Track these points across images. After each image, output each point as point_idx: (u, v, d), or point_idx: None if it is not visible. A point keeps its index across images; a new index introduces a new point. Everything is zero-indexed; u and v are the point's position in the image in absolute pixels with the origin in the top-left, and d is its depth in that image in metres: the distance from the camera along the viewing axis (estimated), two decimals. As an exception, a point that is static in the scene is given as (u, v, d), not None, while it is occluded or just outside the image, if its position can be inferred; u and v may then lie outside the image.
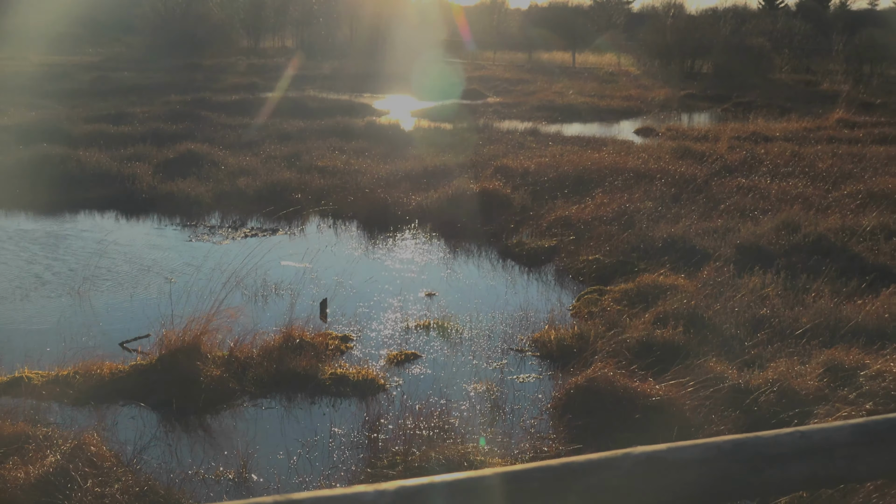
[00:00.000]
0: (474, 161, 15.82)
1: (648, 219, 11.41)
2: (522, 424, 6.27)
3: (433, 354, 7.61)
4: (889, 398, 6.06)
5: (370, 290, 9.37)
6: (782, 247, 10.04)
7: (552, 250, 10.82)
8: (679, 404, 6.20)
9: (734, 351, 7.22)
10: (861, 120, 23.06)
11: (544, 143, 18.90)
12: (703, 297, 8.37)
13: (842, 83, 34.65)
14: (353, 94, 30.31)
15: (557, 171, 14.59)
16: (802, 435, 1.76)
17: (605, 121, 26.04)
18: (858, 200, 12.42)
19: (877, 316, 7.83)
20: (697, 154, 16.63)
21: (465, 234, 11.80)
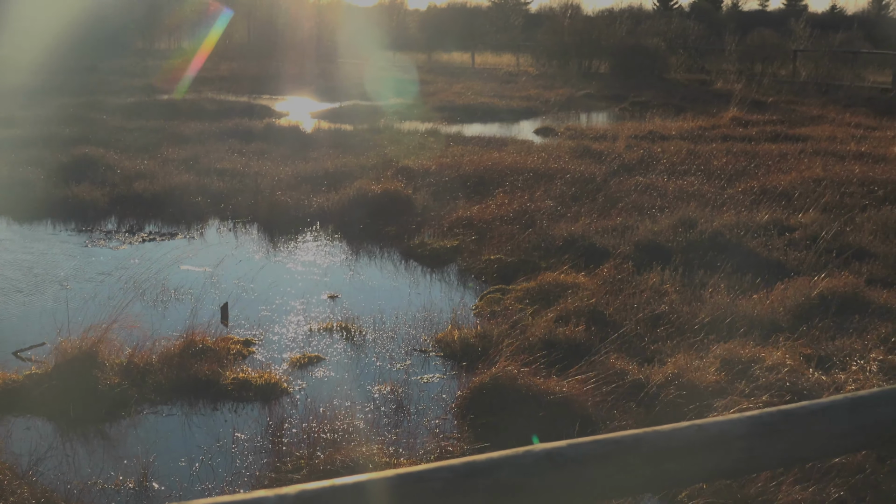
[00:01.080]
0: (375, 162, 15.79)
1: (549, 218, 11.51)
2: (427, 424, 6.27)
3: (337, 357, 7.58)
4: (784, 389, 6.21)
5: (272, 294, 9.29)
6: (680, 243, 10.21)
7: (454, 250, 10.85)
8: (582, 400, 6.27)
9: (635, 347, 7.33)
10: (754, 118, 23.57)
11: (445, 143, 18.94)
12: (604, 294, 8.48)
13: (735, 82, 35.34)
14: (251, 96, 29.99)
15: (458, 171, 14.65)
16: (700, 428, 1.79)
17: (505, 121, 26.21)
18: (752, 197, 12.70)
19: (771, 310, 8.02)
20: (596, 153, 16.83)
21: (368, 236, 11.78)
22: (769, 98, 29.29)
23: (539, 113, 28.20)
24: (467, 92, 32.29)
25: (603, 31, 45.46)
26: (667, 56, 43.43)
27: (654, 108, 26.80)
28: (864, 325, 7.65)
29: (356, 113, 25.63)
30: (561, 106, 29.86)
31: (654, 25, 49.09)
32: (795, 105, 27.98)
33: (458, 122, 24.68)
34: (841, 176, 13.98)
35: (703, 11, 70.19)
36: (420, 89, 33.59)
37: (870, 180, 13.71)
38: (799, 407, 1.93)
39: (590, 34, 44.69)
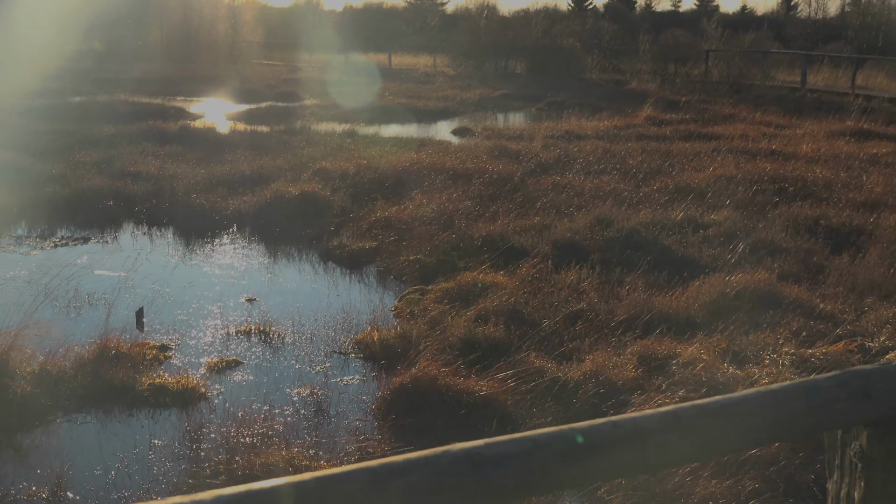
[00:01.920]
0: (292, 164, 15.67)
1: (467, 218, 11.54)
2: (347, 426, 6.25)
3: (255, 360, 7.51)
4: (699, 384, 6.29)
5: (189, 298, 9.17)
6: (597, 242, 10.31)
7: (373, 251, 10.83)
8: (502, 399, 6.30)
9: (553, 345, 7.38)
10: (668, 117, 23.88)
11: (363, 144, 18.88)
12: (523, 293, 8.52)
13: (649, 82, 35.82)
14: (165, 98, 29.55)
15: (377, 172, 14.61)
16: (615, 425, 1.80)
17: (423, 121, 26.21)
18: (667, 195, 12.87)
19: (686, 306, 8.13)
20: (513, 153, 16.89)
21: (285, 238, 11.69)
22: (682, 97, 29.70)
23: (456, 113, 28.26)
24: (384, 93, 32.25)
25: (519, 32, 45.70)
26: (582, 56, 43.81)
27: (570, 108, 27.00)
28: (776, 320, 7.78)
29: (272, 114, 25.43)
30: (478, 106, 29.97)
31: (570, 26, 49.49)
32: (708, 104, 28.41)
33: (375, 123, 24.62)
34: (753, 174, 14.23)
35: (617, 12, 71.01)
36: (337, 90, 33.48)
37: (781, 177, 13.98)
38: (712, 401, 1.95)
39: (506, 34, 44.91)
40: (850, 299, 8.41)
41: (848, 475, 2.21)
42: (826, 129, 21.36)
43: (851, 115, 24.17)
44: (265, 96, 31.34)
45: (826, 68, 39.28)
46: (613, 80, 38.95)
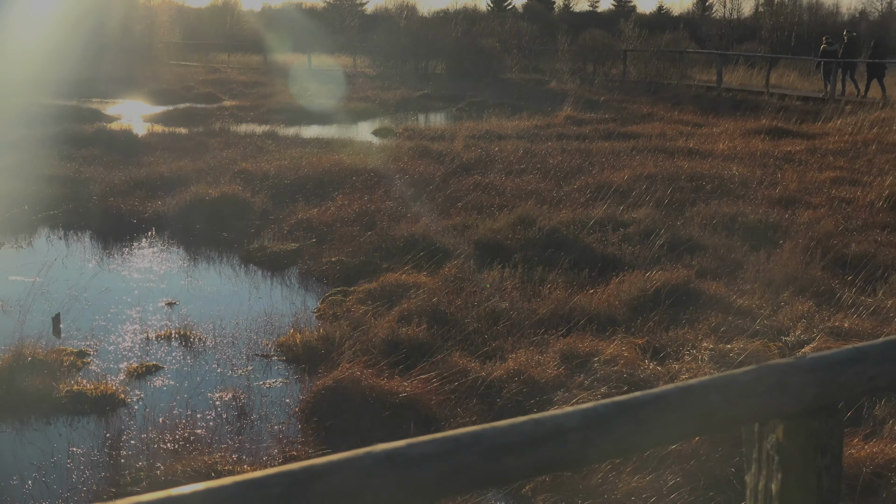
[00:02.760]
0: (212, 166, 15.50)
1: (390, 219, 11.53)
2: (271, 430, 6.20)
3: (176, 365, 7.42)
4: (621, 381, 6.36)
5: (107, 303, 9.02)
6: (519, 241, 10.36)
7: (295, 253, 10.76)
8: (426, 400, 6.30)
9: (477, 344, 7.40)
10: (587, 117, 24.10)
11: (283, 146, 18.74)
12: (446, 293, 8.54)
13: (568, 82, 36.09)
14: (80, 100, 29.05)
15: (297, 173, 14.52)
16: (536, 423, 1.81)
17: (344, 122, 26.09)
18: (588, 194, 12.98)
19: (607, 303, 8.21)
20: (435, 153, 16.91)
21: (206, 241, 11.57)
22: (601, 97, 29.99)
23: (377, 114, 28.20)
24: (305, 93, 32.06)
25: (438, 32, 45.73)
26: (502, 56, 43.99)
27: (490, 108, 27.10)
28: (695, 316, 7.90)
29: (191, 116, 25.15)
30: (399, 107, 29.94)
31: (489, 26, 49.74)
32: (627, 104, 28.72)
33: (295, 124, 24.47)
34: (671, 172, 14.42)
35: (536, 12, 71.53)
36: (256, 91, 33.21)
37: (698, 176, 14.19)
38: (631, 398, 1.97)
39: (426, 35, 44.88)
40: (766, 294, 8.55)
41: (765, 467, 2.25)
42: (742, 128, 21.73)
43: (766, 113, 24.61)
44: (183, 98, 30.98)
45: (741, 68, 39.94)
46: (533, 80, 39.17)
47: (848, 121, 22.76)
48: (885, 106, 24.92)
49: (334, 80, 38.78)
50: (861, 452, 5.30)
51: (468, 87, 34.77)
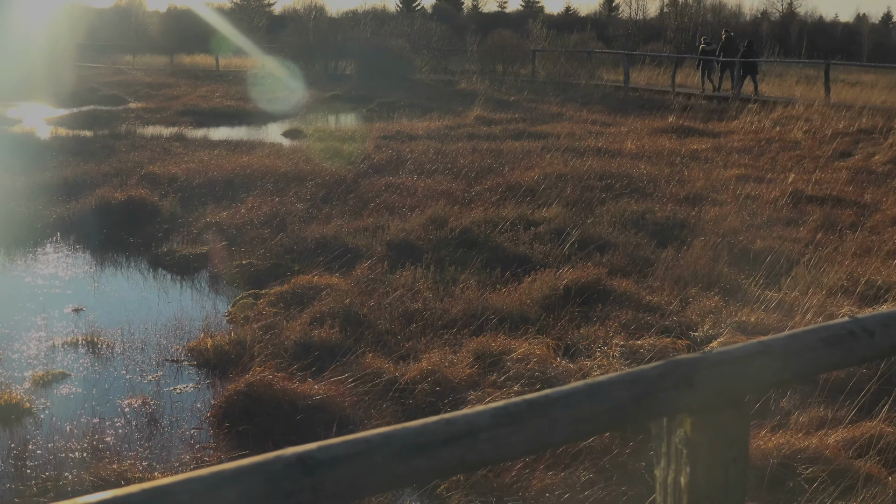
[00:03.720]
0: (118, 169, 15.24)
1: (301, 220, 11.46)
2: (182, 436, 6.12)
3: (83, 372, 7.28)
4: (533, 379, 6.41)
5: (9, 310, 8.80)
6: (431, 241, 10.38)
7: (204, 257, 10.63)
8: (339, 402, 6.27)
9: (390, 345, 7.39)
10: (497, 117, 24.22)
11: (191, 148, 18.51)
12: (358, 294, 8.51)
13: (478, 82, 36.25)
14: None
15: (206, 176, 14.35)
16: (447, 422, 1.81)
17: (253, 124, 25.89)
18: (499, 194, 13.05)
19: (520, 302, 8.26)
20: (346, 154, 16.86)
21: (113, 246, 11.37)
22: (511, 97, 30.18)
23: (287, 115, 27.99)
24: (213, 95, 31.72)
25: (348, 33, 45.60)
26: (412, 57, 44.00)
27: (401, 109, 27.11)
28: (606, 313, 7.99)
29: (96, 118, 24.70)
30: (309, 108, 29.76)
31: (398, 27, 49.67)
32: (536, 103, 28.94)
33: (204, 126, 24.21)
34: (581, 171, 14.57)
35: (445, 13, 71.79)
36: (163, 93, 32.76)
37: (607, 174, 14.36)
38: (541, 395, 1.98)
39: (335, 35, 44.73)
40: (675, 291, 8.68)
41: (674, 461, 2.28)
42: (649, 127, 22.07)
43: (672, 112, 25.01)
44: (88, 100, 30.43)
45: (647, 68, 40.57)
46: (443, 81, 39.26)
47: (751, 119, 23.25)
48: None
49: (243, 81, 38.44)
50: (768, 444, 5.41)
51: (378, 87, 34.70)
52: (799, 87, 31.63)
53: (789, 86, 33.23)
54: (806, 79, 36.01)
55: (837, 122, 21.92)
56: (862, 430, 5.62)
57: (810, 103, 24.94)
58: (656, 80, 37.33)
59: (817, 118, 22.47)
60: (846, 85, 34.87)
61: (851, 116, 22.35)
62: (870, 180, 14.97)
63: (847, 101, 25.58)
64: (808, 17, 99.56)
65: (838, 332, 2.50)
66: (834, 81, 30.32)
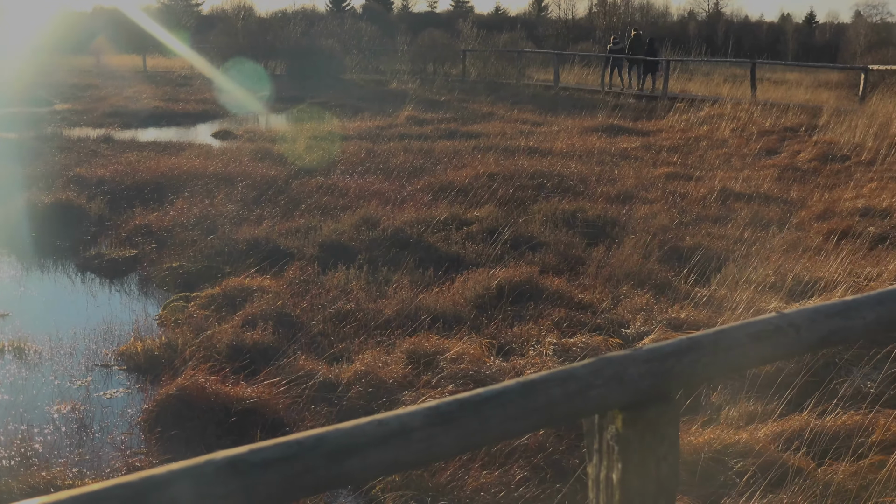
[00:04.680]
0: (44, 172, 14.98)
1: (231, 222, 11.36)
2: (113, 441, 6.03)
3: (9, 378, 7.14)
4: (468, 378, 6.42)
5: (-67, 317, 8.63)
6: (363, 242, 10.36)
7: (134, 260, 10.50)
8: (273, 404, 6.23)
9: (323, 347, 7.36)
10: (429, 117, 24.23)
11: (119, 150, 18.25)
12: (291, 296, 8.47)
13: (409, 82, 36.25)
14: None
15: (135, 178, 14.17)
16: (380, 423, 1.81)
17: (182, 125, 25.59)
18: (431, 194, 13.06)
19: (453, 302, 8.28)
20: (277, 155, 16.75)
21: (39, 250, 11.17)
22: (442, 97, 30.22)
23: (217, 116, 27.74)
24: (140, 96, 31.31)
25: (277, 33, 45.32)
26: (342, 57, 43.88)
27: (332, 109, 27.00)
28: (539, 312, 8.04)
29: (19, 120, 24.25)
30: (239, 108, 29.50)
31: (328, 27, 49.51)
32: (467, 103, 29.00)
33: (132, 128, 23.89)
34: (512, 170, 14.64)
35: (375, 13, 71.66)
36: (89, 94, 32.27)
37: (539, 173, 14.44)
38: (474, 395, 1.99)
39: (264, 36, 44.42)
40: (606, 289, 8.76)
41: (606, 458, 2.30)
42: (579, 126, 22.23)
43: (602, 111, 25.22)
44: (9, 101, 29.86)
45: (577, 67, 40.84)
46: (374, 81, 39.18)
47: (680, 118, 23.53)
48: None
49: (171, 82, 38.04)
50: (699, 439, 5.48)
51: (309, 88, 34.56)
52: (726, 86, 32.10)
53: (717, 84, 33.69)
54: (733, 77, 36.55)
55: (764, 120, 22.30)
56: (791, 424, 5.72)
57: (737, 102, 25.35)
58: (586, 79, 37.63)
59: (744, 116, 22.85)
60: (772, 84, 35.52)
61: (777, 115, 22.75)
62: (795, 177, 15.25)
63: (773, 100, 26.02)
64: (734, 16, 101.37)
65: (765, 328, 2.54)
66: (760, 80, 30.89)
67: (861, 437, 5.47)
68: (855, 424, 5.65)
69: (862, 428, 5.59)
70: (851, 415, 5.80)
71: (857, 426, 5.62)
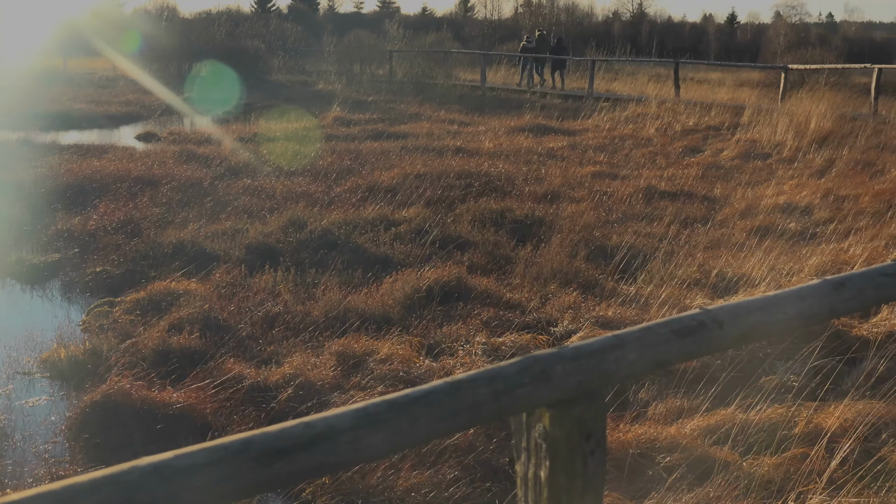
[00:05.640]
0: (-38, 176, 14.68)
1: (156, 226, 11.23)
2: (36, 450, 5.92)
3: (-72, 388, 6.98)
4: (397, 380, 6.42)
5: None
6: (291, 244, 10.29)
7: (56, 265, 10.31)
8: (201, 409, 6.16)
9: (251, 350, 7.30)
10: (356, 118, 24.16)
11: (40, 153, 17.92)
12: (217, 299, 8.39)
13: (336, 83, 36.12)
14: None
15: (56, 181, 13.94)
16: (307, 425, 1.80)
17: (105, 127, 25.22)
18: (359, 194, 13.02)
19: (382, 303, 8.26)
20: (202, 157, 16.58)
21: (-42, 255, 10.94)
22: (369, 97, 30.15)
23: (140, 118, 27.38)
24: (62, 98, 30.78)
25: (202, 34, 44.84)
26: (268, 58, 43.56)
27: (258, 110, 26.80)
28: (468, 312, 8.06)
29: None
30: (164, 111, 29.17)
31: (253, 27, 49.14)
32: (394, 104, 28.95)
33: (52, 130, 23.47)
34: (440, 170, 14.65)
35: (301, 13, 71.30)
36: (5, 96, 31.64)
37: (467, 173, 14.47)
38: (401, 395, 1.98)
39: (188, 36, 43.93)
40: (535, 288, 8.81)
41: (534, 456, 2.31)
42: (506, 126, 22.32)
43: (529, 111, 25.36)
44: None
45: (503, 67, 41.01)
46: (300, 82, 38.98)
47: (606, 117, 23.75)
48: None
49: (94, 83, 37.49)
50: (627, 435, 5.54)
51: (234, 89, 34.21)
52: (650, 86, 32.46)
53: (641, 84, 34.04)
54: (657, 77, 36.98)
55: (687, 119, 22.60)
56: (717, 419, 5.80)
57: (662, 101, 25.66)
58: (512, 79, 37.78)
59: (668, 115, 23.13)
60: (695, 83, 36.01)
61: (701, 113, 23.07)
62: (719, 175, 15.48)
63: (696, 99, 26.36)
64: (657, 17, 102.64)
65: (689, 324, 2.57)
66: (683, 80, 31.27)
67: (785, 429, 5.57)
68: (779, 417, 5.75)
69: (786, 421, 5.69)
70: (776, 408, 5.90)
71: (781, 419, 5.72)
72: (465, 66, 42.70)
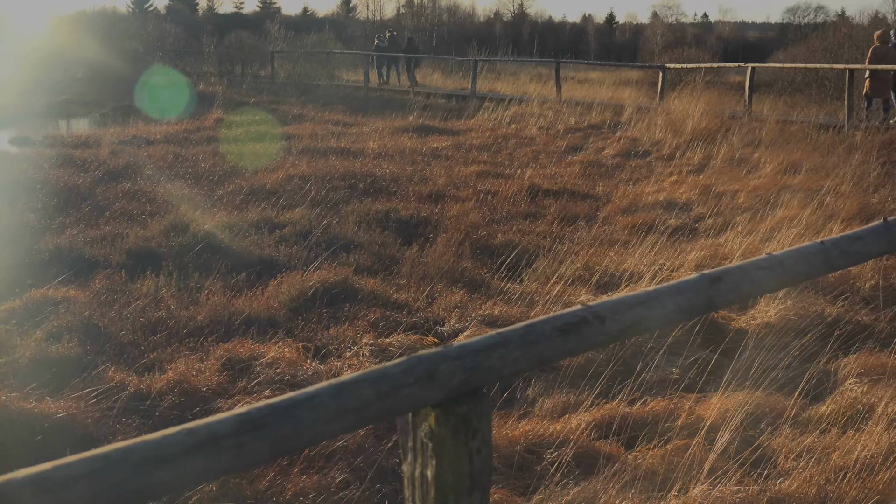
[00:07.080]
0: None
1: (32, 231, 10.93)
2: None
3: None
4: (284, 383, 6.36)
5: None
6: (173, 248, 10.12)
7: (-73, 274, 9.96)
8: (82, 419, 6.01)
9: (133, 357, 7.16)
10: (238, 119, 23.89)
11: None
12: (97, 306, 8.20)
13: (217, 84, 35.66)
14: None
15: (-75, 188, 13.47)
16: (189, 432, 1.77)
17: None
18: (242, 197, 12.88)
19: (267, 306, 8.18)
20: (79, 161, 16.19)
21: None
22: (251, 99, 29.84)
23: (14, 121, 26.61)
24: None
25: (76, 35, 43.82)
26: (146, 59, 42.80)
27: (136, 113, 26.31)
28: (355, 313, 8.03)
29: None
30: (40, 114, 28.40)
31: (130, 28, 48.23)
32: (277, 105, 28.69)
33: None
34: (325, 171, 14.58)
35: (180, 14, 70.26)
36: None
37: (351, 174, 14.44)
38: (285, 399, 1.97)
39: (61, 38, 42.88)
40: (421, 287, 8.83)
41: (420, 455, 2.32)
42: (390, 126, 22.32)
43: (413, 111, 25.41)
44: None
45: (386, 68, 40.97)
46: (181, 83, 38.37)
47: (488, 117, 23.94)
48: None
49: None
50: (515, 432, 5.58)
51: (111, 91, 33.53)
52: (532, 85, 32.80)
53: (523, 84, 34.41)
54: (539, 77, 37.45)
55: (569, 117, 22.93)
56: (602, 413, 5.90)
57: (544, 100, 25.97)
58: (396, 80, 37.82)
59: (550, 115, 23.42)
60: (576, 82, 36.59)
61: (582, 112, 23.43)
62: (600, 173, 15.74)
63: (578, 98, 26.77)
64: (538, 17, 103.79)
65: (571, 320, 2.61)
66: (564, 79, 31.75)
67: (667, 422, 5.69)
68: (662, 410, 5.87)
69: (668, 413, 5.82)
70: (658, 401, 6.03)
71: (663, 411, 5.84)
72: (348, 67, 42.58)
